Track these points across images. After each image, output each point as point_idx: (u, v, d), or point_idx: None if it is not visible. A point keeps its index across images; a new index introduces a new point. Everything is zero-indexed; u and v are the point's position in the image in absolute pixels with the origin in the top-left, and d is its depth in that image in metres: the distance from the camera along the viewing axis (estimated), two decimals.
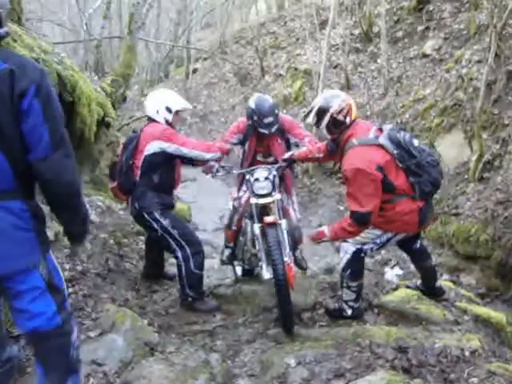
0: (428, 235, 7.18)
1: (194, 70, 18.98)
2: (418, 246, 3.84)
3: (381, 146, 3.26)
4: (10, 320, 2.58)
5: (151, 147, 3.92)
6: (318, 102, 3.47)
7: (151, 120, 4.06)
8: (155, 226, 3.97)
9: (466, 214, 6.65)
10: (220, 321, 3.95)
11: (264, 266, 3.72)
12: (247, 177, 3.93)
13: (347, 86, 11.05)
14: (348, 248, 3.56)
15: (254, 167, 4.01)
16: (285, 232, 3.68)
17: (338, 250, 3.79)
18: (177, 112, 4.05)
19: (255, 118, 4.06)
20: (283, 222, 3.71)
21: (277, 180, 3.93)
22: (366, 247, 3.54)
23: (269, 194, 3.77)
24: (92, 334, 3.14)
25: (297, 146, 4.42)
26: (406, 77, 9.98)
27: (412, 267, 6.93)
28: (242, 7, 22.38)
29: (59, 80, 5.08)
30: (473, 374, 2.69)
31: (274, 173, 3.90)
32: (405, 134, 3.40)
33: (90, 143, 5.87)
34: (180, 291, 4.18)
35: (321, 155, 3.93)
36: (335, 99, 3.40)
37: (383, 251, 7.56)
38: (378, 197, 3.21)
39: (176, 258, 4.03)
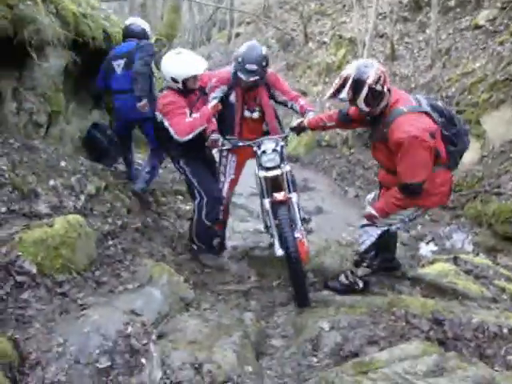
0: (466, 213, 7.03)
1: (237, 35, 18.78)
2: None
3: (428, 114, 3.14)
4: None
5: (158, 116, 4.00)
6: (350, 74, 3.13)
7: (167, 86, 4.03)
8: (181, 171, 4.25)
9: (508, 193, 6.45)
10: (254, 282, 4.00)
11: (276, 242, 3.61)
12: (254, 149, 3.80)
13: (392, 57, 10.73)
14: (374, 231, 3.49)
15: (260, 139, 3.85)
16: (295, 206, 3.62)
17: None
18: (185, 80, 3.90)
19: (239, 59, 3.80)
20: (294, 196, 3.65)
21: (285, 151, 3.83)
22: (393, 227, 3.48)
23: (277, 167, 3.68)
24: (130, 286, 3.21)
25: (285, 105, 4.21)
26: (455, 49, 9.59)
27: (447, 244, 6.87)
28: None
29: (105, 36, 5.11)
30: (510, 352, 2.64)
31: (282, 144, 3.79)
32: (439, 102, 3.31)
33: None
34: (189, 236, 4.37)
35: (332, 123, 3.76)
36: (370, 68, 3.11)
37: (419, 226, 7.48)
38: (430, 166, 3.10)
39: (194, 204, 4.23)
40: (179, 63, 3.89)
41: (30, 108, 4.31)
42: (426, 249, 6.63)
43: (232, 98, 4.07)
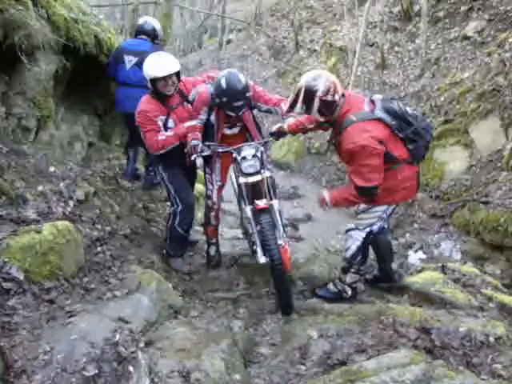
0: (455, 222, 7.09)
1: (228, 41, 18.82)
2: None
3: (379, 120, 3.24)
4: None
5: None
6: (301, 88, 3.25)
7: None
8: (159, 177, 4.34)
9: (495, 202, 6.51)
10: (243, 290, 4.00)
11: (258, 249, 3.58)
12: (234, 155, 3.78)
13: (382, 66, 10.83)
14: (358, 235, 3.55)
15: (240, 145, 3.83)
16: (277, 213, 3.62)
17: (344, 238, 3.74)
18: (153, 80, 3.86)
19: (224, 99, 3.74)
20: (275, 202, 3.65)
21: (265, 157, 3.84)
22: (374, 228, 3.54)
23: (258, 172, 3.66)
24: (118, 293, 3.19)
25: (269, 112, 4.23)
26: (444, 59, 9.70)
27: (436, 252, 6.91)
28: None
29: (96, 41, 5.10)
30: (496, 360, 2.67)
31: (262, 149, 3.79)
32: (397, 102, 3.39)
33: None
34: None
35: (312, 125, 3.78)
36: (318, 81, 3.22)
37: (407, 234, 7.53)
38: (382, 170, 3.23)
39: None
40: (149, 64, 3.88)
41: (19, 112, 4.27)
42: (414, 257, 6.68)
43: (212, 117, 4.07)
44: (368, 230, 3.52)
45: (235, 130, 4.19)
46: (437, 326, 2.94)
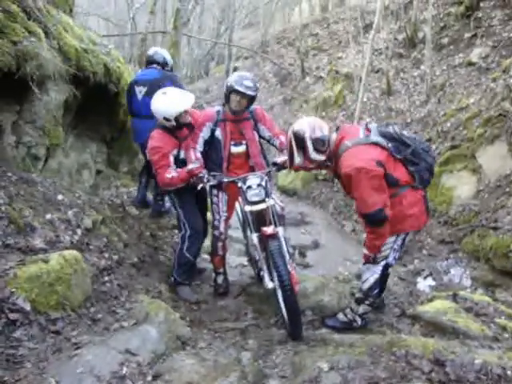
0: (464, 248, 7.00)
1: (235, 69, 19.01)
2: None
3: (375, 144, 3.23)
4: None
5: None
6: (290, 139, 3.33)
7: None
8: (170, 202, 4.49)
9: (505, 228, 6.43)
10: (252, 320, 3.94)
11: (266, 275, 3.66)
12: (239, 184, 3.88)
13: (388, 92, 10.89)
14: (376, 268, 3.51)
15: (245, 175, 3.94)
16: (283, 239, 3.64)
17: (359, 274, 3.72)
18: (177, 117, 4.02)
19: (236, 78, 3.98)
20: (280, 230, 3.67)
21: (269, 186, 3.92)
22: (390, 259, 3.50)
23: (262, 201, 3.74)
24: (126, 324, 3.15)
25: (270, 142, 4.35)
26: (450, 85, 9.75)
27: (445, 278, 6.82)
28: (284, 7, 22.31)
29: (106, 70, 5.17)
30: None
31: (266, 178, 3.89)
32: (393, 126, 3.39)
33: (130, 135, 5.96)
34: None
35: (312, 165, 3.68)
36: (301, 124, 3.32)
37: (416, 261, 7.44)
38: (384, 191, 3.17)
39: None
40: (169, 102, 3.99)
41: (28, 141, 4.32)
42: (423, 284, 6.57)
43: (218, 133, 4.16)
44: (384, 262, 3.47)
45: (241, 149, 4.23)
46: (451, 357, 2.85)
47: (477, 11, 10.43)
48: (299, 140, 3.28)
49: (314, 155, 3.30)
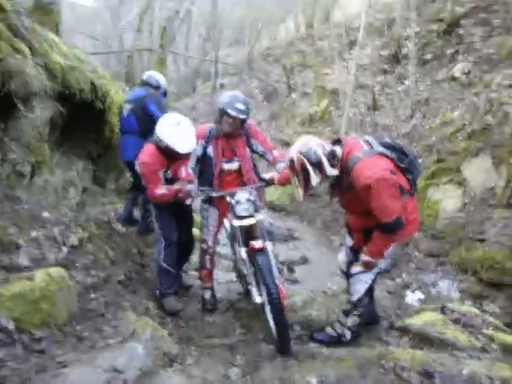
0: (451, 260, 7.04)
1: (221, 85, 19.17)
2: None
3: (382, 154, 3.29)
4: None
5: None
6: (303, 163, 3.20)
7: None
8: (151, 215, 4.47)
9: (491, 240, 6.49)
10: (240, 335, 3.91)
11: (254, 289, 3.66)
12: (228, 199, 3.89)
13: (374, 107, 11.01)
14: (367, 277, 3.53)
15: (233, 190, 3.94)
16: (271, 254, 3.63)
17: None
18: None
19: (227, 101, 3.98)
20: (269, 244, 3.67)
21: (257, 201, 3.93)
22: (382, 266, 3.54)
23: (251, 216, 3.76)
24: (112, 341, 3.11)
25: (263, 157, 4.37)
26: (434, 99, 9.89)
27: (433, 291, 6.83)
28: (270, 25, 22.58)
29: (92, 88, 5.17)
30: None
31: (255, 193, 3.91)
32: (388, 139, 3.49)
33: (117, 152, 5.95)
34: None
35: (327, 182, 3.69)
36: (307, 143, 3.26)
37: (404, 274, 7.45)
38: (400, 199, 3.24)
39: None
40: (177, 138, 3.92)
41: (14, 158, 4.28)
42: (412, 297, 6.57)
43: (210, 150, 4.18)
44: (376, 270, 3.50)
45: (234, 166, 4.25)
46: (439, 369, 2.85)
47: (458, 28, 10.65)
48: (313, 159, 3.20)
49: (329, 170, 3.26)
